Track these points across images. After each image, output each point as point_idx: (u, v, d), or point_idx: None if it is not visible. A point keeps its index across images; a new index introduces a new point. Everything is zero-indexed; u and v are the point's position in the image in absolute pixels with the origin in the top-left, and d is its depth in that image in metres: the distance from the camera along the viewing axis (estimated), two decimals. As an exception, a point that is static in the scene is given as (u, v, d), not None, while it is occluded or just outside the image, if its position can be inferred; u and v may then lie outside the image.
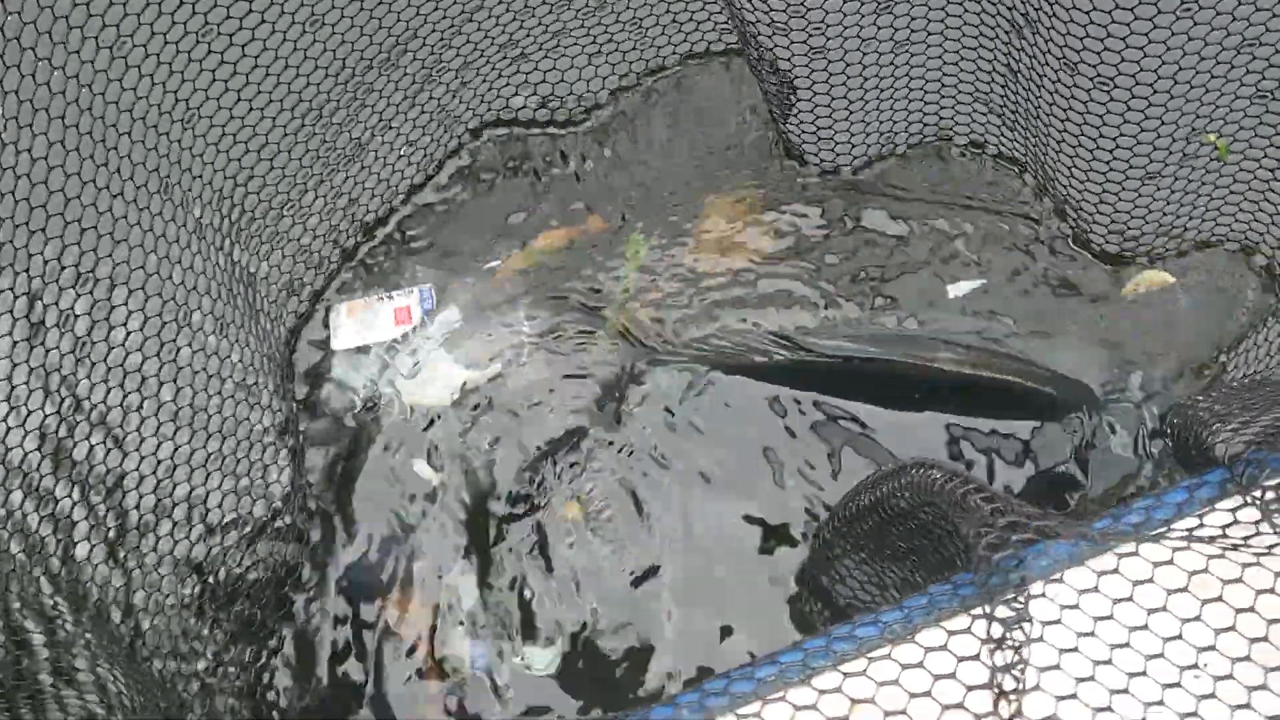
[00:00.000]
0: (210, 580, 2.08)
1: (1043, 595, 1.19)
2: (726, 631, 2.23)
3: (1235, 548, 1.21)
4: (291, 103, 2.25)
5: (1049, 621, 1.17)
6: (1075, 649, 1.15)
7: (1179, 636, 1.15)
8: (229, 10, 2.07)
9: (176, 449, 2.01)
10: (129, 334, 1.96)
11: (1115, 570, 1.19)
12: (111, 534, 1.91)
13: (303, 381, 2.47)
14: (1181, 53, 1.97)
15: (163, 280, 2.01)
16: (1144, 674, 1.13)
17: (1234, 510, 1.28)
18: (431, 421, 2.43)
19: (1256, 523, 1.25)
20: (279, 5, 2.12)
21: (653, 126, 2.70)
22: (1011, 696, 1.12)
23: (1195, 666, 1.14)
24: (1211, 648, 1.15)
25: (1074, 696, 1.12)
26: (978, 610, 1.20)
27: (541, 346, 2.49)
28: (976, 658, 1.16)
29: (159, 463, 1.98)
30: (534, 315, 2.51)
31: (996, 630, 1.17)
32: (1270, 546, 1.21)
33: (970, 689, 1.14)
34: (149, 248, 1.98)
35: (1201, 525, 1.27)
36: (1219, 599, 1.17)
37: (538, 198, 2.65)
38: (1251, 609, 1.16)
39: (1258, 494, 1.28)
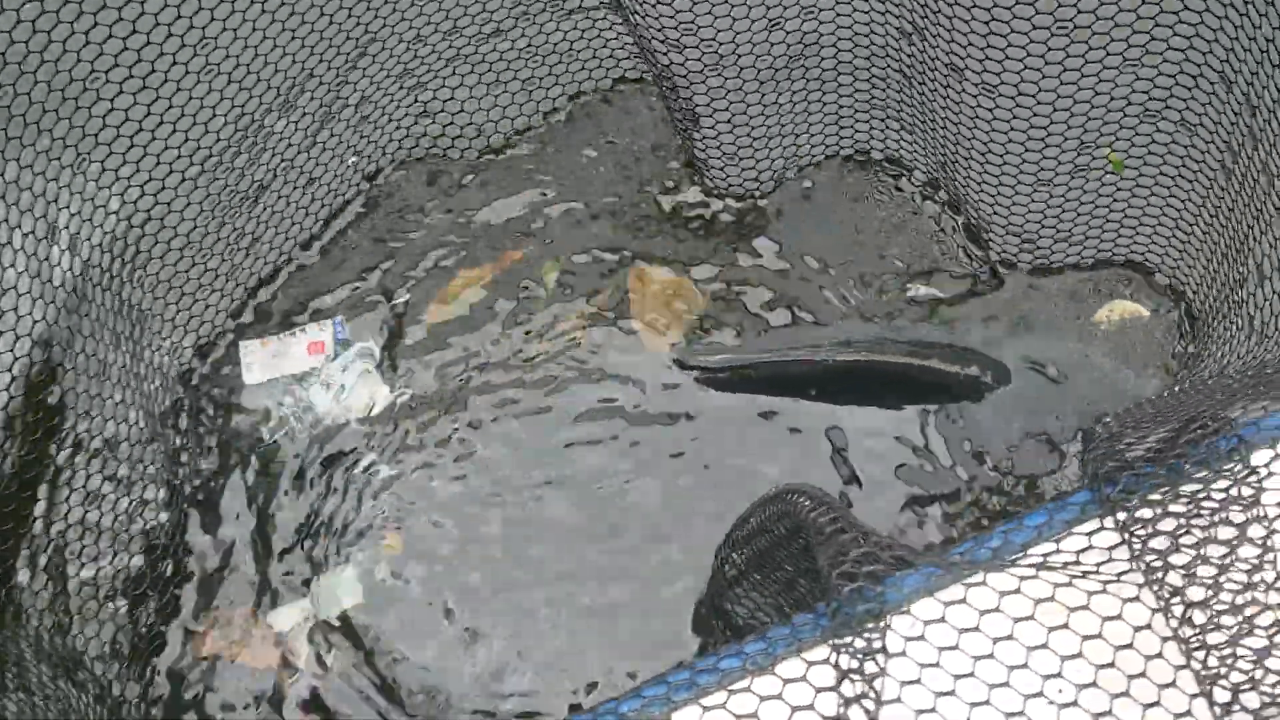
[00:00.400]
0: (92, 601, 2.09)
1: (889, 628, 1.18)
2: (617, 657, 2.25)
3: (1085, 575, 1.21)
4: (189, 149, 2.25)
5: (894, 654, 1.16)
6: (918, 680, 1.15)
7: (1024, 665, 1.15)
8: (116, 59, 2.06)
9: (55, 489, 2.01)
10: (13, 379, 1.96)
11: (963, 600, 1.19)
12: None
13: (213, 413, 2.47)
14: (1061, 68, 2.00)
15: (49, 325, 2.01)
16: (987, 703, 1.13)
17: (1090, 535, 1.28)
18: (338, 446, 2.46)
19: (1111, 548, 1.26)
20: (171, 55, 2.11)
21: (563, 154, 2.71)
22: (860, 729, 1.12)
23: (1040, 695, 1.14)
24: (1058, 674, 1.15)
25: (913, 729, 1.12)
26: (836, 640, 1.20)
27: (459, 373, 2.50)
28: (833, 689, 1.16)
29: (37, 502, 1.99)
30: (450, 345, 2.52)
31: (847, 662, 1.16)
32: (1120, 574, 1.21)
33: (826, 720, 1.14)
34: (35, 294, 1.97)
35: (1057, 550, 1.27)
36: (1065, 626, 1.17)
37: (446, 229, 2.65)
38: (1099, 635, 1.16)
39: (1118, 516, 1.29)
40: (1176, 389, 2.08)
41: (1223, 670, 1.13)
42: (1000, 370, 2.39)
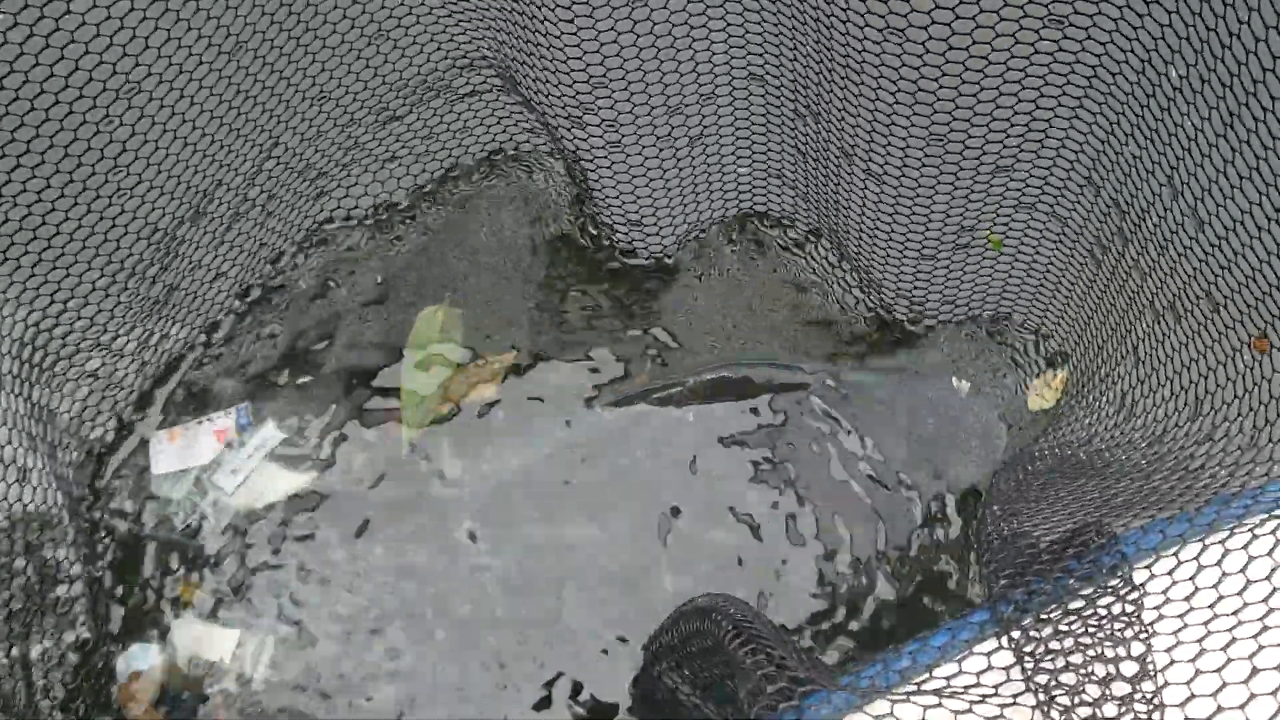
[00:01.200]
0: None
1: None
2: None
3: (984, 699, 1.30)
4: (100, 263, 2.27)
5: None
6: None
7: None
8: (24, 183, 2.07)
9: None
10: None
11: (875, 736, 1.27)
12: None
13: (123, 505, 2.49)
14: (938, 172, 2.10)
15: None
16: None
17: (989, 654, 1.37)
18: (247, 530, 2.49)
19: (1008, 668, 1.35)
20: (80, 181, 2.13)
21: (464, 226, 2.78)
22: None
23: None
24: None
25: None
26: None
27: (361, 453, 2.56)
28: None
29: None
30: (360, 432, 2.58)
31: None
32: (1016, 695, 1.31)
33: None
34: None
35: (960, 672, 1.36)
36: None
37: (347, 309, 2.71)
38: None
39: (1013, 635, 1.38)
40: (1047, 452, 2.20)
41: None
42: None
